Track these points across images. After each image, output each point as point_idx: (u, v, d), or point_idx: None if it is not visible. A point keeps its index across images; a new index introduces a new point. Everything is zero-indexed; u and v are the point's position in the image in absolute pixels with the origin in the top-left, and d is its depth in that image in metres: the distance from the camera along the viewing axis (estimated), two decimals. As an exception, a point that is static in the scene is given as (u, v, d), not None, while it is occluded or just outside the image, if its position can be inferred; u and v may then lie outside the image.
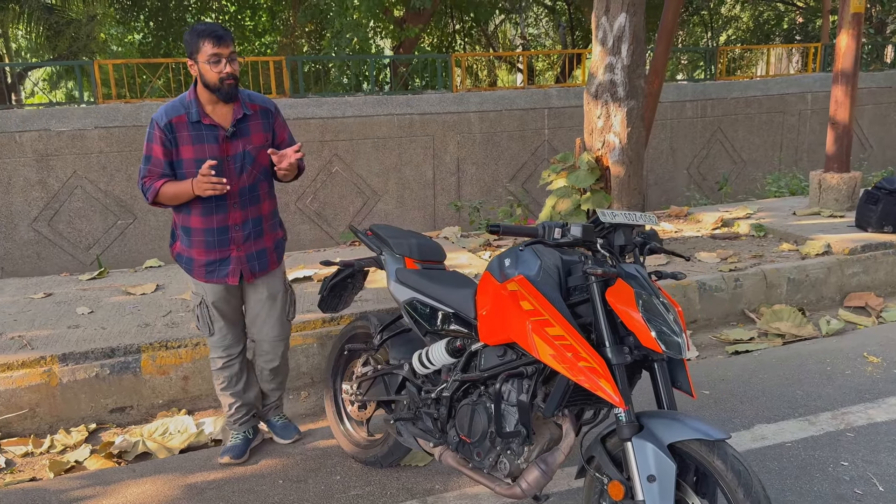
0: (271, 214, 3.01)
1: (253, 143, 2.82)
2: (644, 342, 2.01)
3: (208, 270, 2.90)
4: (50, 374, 3.65)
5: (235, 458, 3.08)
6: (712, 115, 12.11)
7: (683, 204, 9.75)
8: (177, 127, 2.73)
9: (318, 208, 9.93)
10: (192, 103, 2.75)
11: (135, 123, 8.98)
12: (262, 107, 2.89)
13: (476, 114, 10.53)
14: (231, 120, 2.78)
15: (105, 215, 9.09)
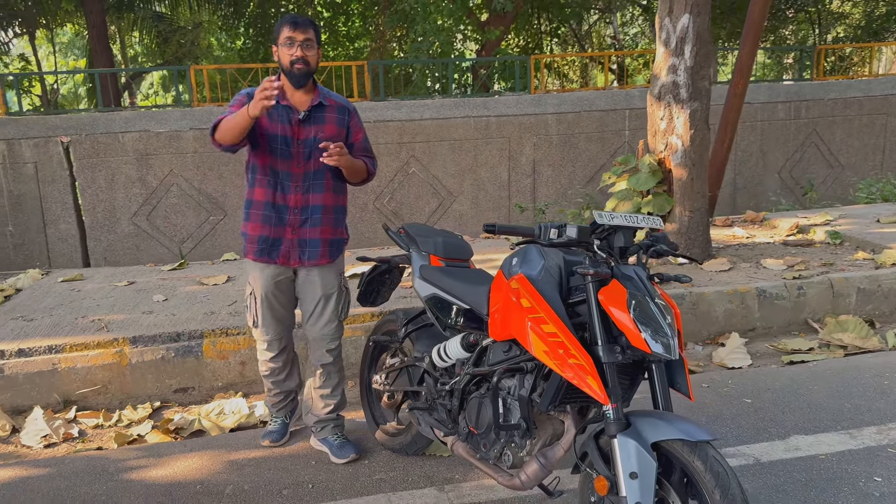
0: (333, 209, 3.04)
1: (325, 133, 2.89)
2: (633, 342, 2.04)
3: (260, 248, 2.94)
4: (121, 354, 3.99)
5: (274, 442, 3.24)
6: (807, 117, 11.55)
7: (771, 209, 9.39)
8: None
9: (395, 208, 10.19)
10: None
11: (225, 125, 9.52)
12: (339, 104, 3.00)
13: (554, 115, 10.51)
14: (307, 106, 2.89)
15: (198, 211, 9.68)
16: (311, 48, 2.84)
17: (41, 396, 3.89)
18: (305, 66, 2.82)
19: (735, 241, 6.01)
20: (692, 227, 5.30)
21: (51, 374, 3.89)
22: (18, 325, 4.32)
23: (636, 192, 5.51)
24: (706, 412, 3.47)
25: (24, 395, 3.88)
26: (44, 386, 3.89)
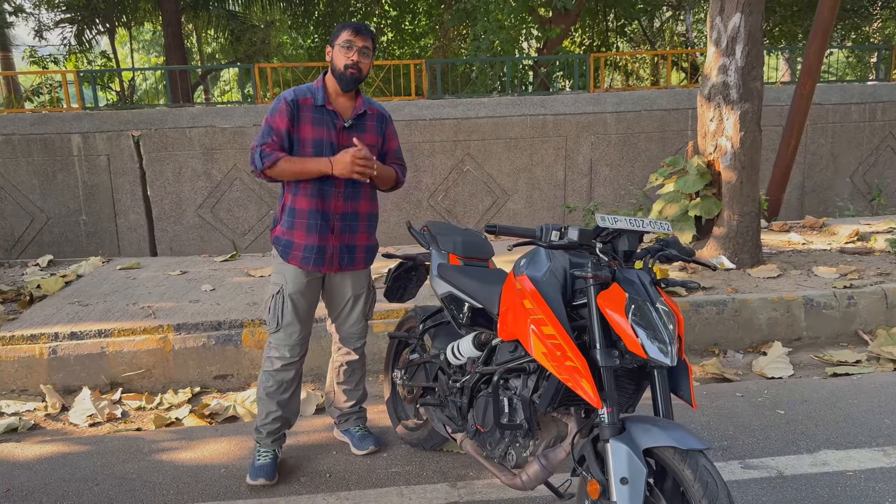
0: (368, 216, 3.03)
1: (366, 141, 2.87)
2: (630, 346, 2.02)
3: (305, 256, 2.90)
4: (165, 340, 4.18)
5: (268, 479, 2.92)
6: (883, 119, 10.99)
7: (837, 214, 9.01)
8: (302, 106, 2.82)
9: (449, 205, 10.24)
10: (319, 89, 2.85)
11: (286, 121, 9.78)
12: (379, 112, 3.01)
13: (613, 114, 10.34)
14: (351, 113, 2.89)
15: (259, 205, 9.98)
16: (367, 56, 2.84)
17: (90, 378, 4.11)
18: (358, 73, 2.81)
19: (789, 248, 5.80)
20: (741, 232, 5.16)
21: (99, 357, 4.11)
22: (74, 309, 4.58)
23: (684, 195, 5.39)
24: (735, 421, 3.38)
25: (74, 376, 4.11)
26: (93, 368, 4.11)
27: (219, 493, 2.90)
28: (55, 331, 4.17)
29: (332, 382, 3.27)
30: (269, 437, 3.04)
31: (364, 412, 3.33)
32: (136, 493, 2.91)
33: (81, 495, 2.90)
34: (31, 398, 4.04)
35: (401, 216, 10.20)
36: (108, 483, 3.00)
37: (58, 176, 9.97)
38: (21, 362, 4.07)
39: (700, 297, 4.55)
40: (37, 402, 3.99)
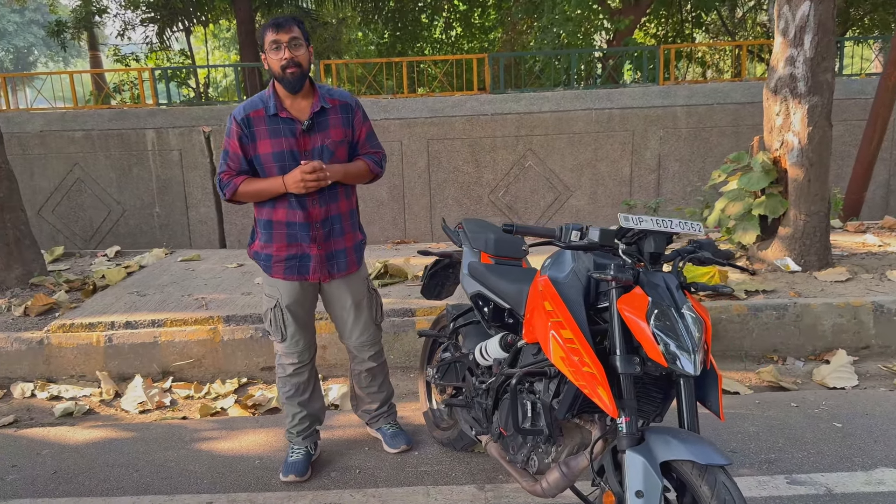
0: (350, 214, 2.91)
1: (331, 138, 2.75)
2: (650, 353, 1.92)
3: (288, 266, 2.83)
4: (215, 331, 4.28)
5: (299, 476, 2.93)
6: (982, 112, 10.24)
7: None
8: (254, 121, 2.70)
9: (510, 202, 10.13)
10: (270, 97, 2.71)
11: (350, 117, 9.91)
12: (342, 101, 2.81)
13: (683, 108, 9.99)
14: (308, 113, 2.72)
15: (321, 199, 10.15)
16: (300, 47, 2.65)
17: (143, 366, 4.26)
18: (298, 69, 2.64)
19: (863, 250, 5.46)
20: (808, 233, 4.88)
21: (152, 346, 4.25)
22: (133, 299, 4.75)
23: (748, 193, 5.15)
24: (786, 433, 3.20)
25: (128, 363, 4.26)
26: (146, 356, 4.25)
27: (250, 485, 2.94)
28: (112, 320, 4.33)
29: (354, 388, 3.23)
30: (300, 436, 3.06)
31: (394, 409, 3.30)
32: (173, 480, 2.99)
33: (121, 480, 3.00)
34: (88, 384, 4.21)
35: (461, 212, 10.17)
36: (148, 469, 3.09)
37: (133, 170, 10.40)
38: (79, 349, 4.25)
39: (759, 300, 4.33)
40: (93, 387, 4.16)
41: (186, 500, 2.83)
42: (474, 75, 10.33)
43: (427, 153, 10.02)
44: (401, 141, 9.98)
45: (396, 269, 4.96)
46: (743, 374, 4.05)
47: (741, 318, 4.23)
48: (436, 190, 10.16)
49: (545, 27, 11.46)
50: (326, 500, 2.79)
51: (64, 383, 4.21)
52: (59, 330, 4.29)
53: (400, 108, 9.93)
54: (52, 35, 14.53)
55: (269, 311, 2.92)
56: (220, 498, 2.84)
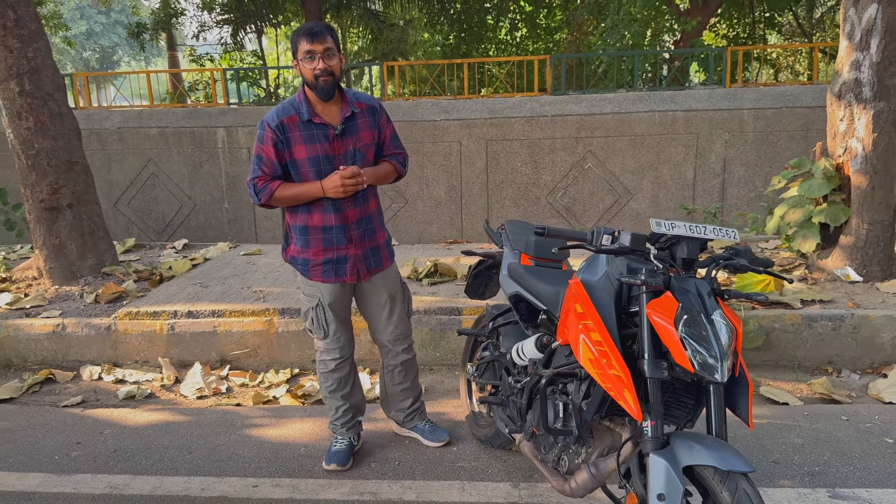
0: (378, 213, 3.03)
1: (362, 141, 2.85)
2: (676, 358, 1.94)
3: (325, 269, 2.91)
4: (270, 323, 4.45)
5: (341, 465, 3.03)
6: None
7: None
8: (288, 127, 2.75)
9: (568, 203, 10.09)
10: (301, 103, 2.78)
11: (411, 119, 10.03)
12: (368, 105, 2.90)
13: (750, 111, 9.74)
14: (339, 118, 2.80)
15: (382, 199, 10.30)
16: (333, 57, 2.71)
17: (202, 354, 4.46)
18: (331, 77, 2.71)
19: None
20: (870, 242, 4.72)
21: (212, 335, 4.45)
22: (195, 289, 4.98)
23: (808, 200, 5.01)
24: (833, 447, 3.13)
25: (189, 351, 4.47)
26: (205, 345, 4.46)
27: (294, 471, 3.06)
28: (175, 309, 4.55)
29: (386, 386, 3.28)
30: (344, 427, 3.17)
31: (423, 405, 3.37)
32: (222, 463, 3.14)
33: (175, 461, 3.17)
34: (151, 369, 4.44)
35: (518, 213, 10.19)
36: (200, 452, 3.25)
37: (204, 166, 10.82)
38: (144, 336, 4.48)
39: (815, 310, 4.22)
40: (155, 373, 4.39)
41: (234, 482, 2.98)
42: (535, 76, 10.32)
43: (486, 154, 10.08)
44: (460, 141, 10.06)
45: (446, 269, 5.04)
46: (794, 384, 3.96)
47: (795, 328, 4.13)
48: (493, 191, 10.20)
49: (610, 28, 11.35)
50: (365, 489, 2.89)
51: (129, 368, 4.45)
52: (125, 317, 4.55)
53: (460, 108, 10.01)
54: (132, 36, 15.25)
55: (311, 311, 3.00)
56: (265, 482, 2.97)
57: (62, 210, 5.38)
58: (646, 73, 12.44)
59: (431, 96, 11.18)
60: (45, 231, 5.38)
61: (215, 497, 2.86)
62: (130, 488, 2.94)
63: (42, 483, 3.00)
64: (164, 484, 2.97)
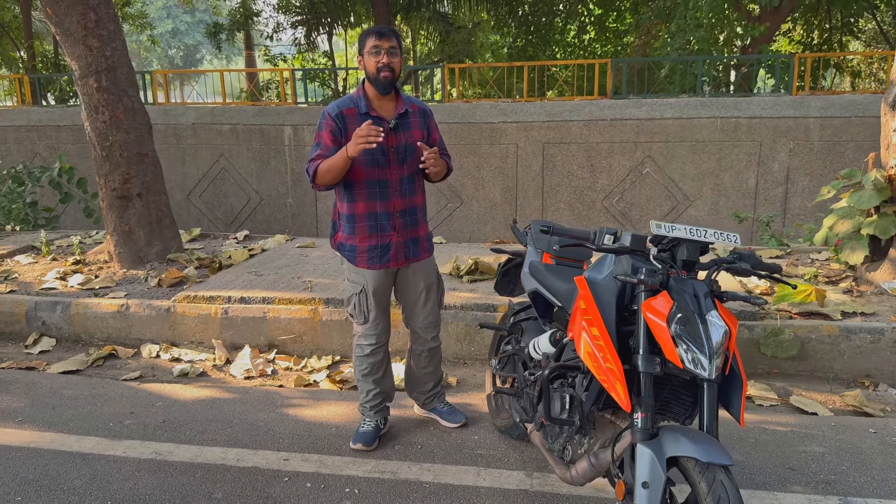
0: (423, 207, 3.21)
1: (413, 137, 3.04)
2: (667, 355, 2.03)
3: (371, 256, 3.08)
4: (315, 311, 4.68)
5: (366, 446, 3.21)
6: None
7: None
8: (347, 118, 2.96)
9: (625, 208, 10.05)
10: (360, 98, 2.99)
11: (469, 121, 10.20)
12: (420, 108, 3.14)
13: (817, 119, 9.49)
14: (394, 114, 3.00)
15: (439, 198, 10.52)
16: (396, 55, 2.93)
17: (252, 338, 4.73)
18: (391, 73, 2.92)
19: None
20: (922, 255, 4.61)
21: (261, 321, 4.72)
22: (250, 278, 5.27)
23: (859, 211, 4.92)
24: (854, 457, 3.12)
25: (240, 335, 4.75)
26: (255, 329, 4.73)
27: (324, 448, 3.26)
28: (229, 294, 4.84)
29: (412, 370, 3.46)
30: (372, 410, 3.35)
31: (443, 390, 3.56)
32: (259, 438, 3.37)
33: (216, 433, 3.42)
34: (205, 349, 4.74)
35: (573, 216, 10.21)
36: (240, 427, 3.49)
37: (271, 162, 11.26)
38: (199, 319, 4.79)
39: (855, 322, 4.17)
40: (208, 353, 4.68)
41: (267, 455, 3.20)
42: (595, 80, 10.32)
43: (542, 156, 10.15)
44: (517, 144, 10.17)
45: (486, 267, 5.17)
46: (827, 396, 3.93)
47: (831, 339, 4.09)
48: (549, 193, 10.27)
49: (675, 32, 11.23)
50: (386, 469, 3.06)
51: (184, 348, 4.76)
52: (184, 300, 4.86)
53: (518, 111, 10.12)
54: (209, 36, 15.96)
55: (354, 296, 3.19)
56: (295, 456, 3.18)
57: (132, 199, 5.77)
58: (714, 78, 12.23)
59: (492, 98, 11.32)
60: (116, 218, 5.78)
61: (248, 467, 3.09)
62: (173, 455, 3.20)
63: (96, 446, 3.30)
64: (204, 453, 3.22)
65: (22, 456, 3.20)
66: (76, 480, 2.99)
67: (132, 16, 20.21)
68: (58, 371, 4.40)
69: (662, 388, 2.23)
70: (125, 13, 19.89)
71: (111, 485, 2.95)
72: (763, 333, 4.14)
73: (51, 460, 3.16)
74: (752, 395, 3.90)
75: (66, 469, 3.08)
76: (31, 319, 5.01)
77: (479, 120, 10.21)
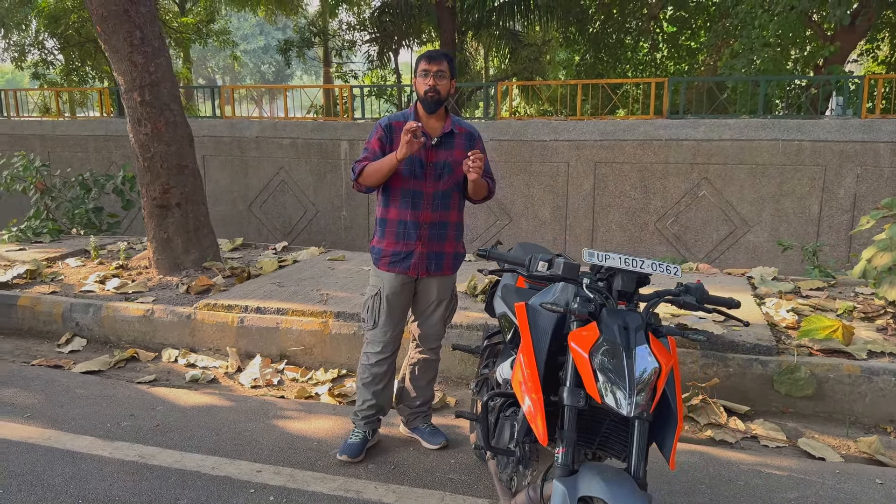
0: (456, 225, 3.29)
1: (454, 157, 3.17)
2: (587, 387, 1.95)
3: (393, 261, 3.21)
4: (325, 324, 4.74)
5: (352, 457, 3.27)
6: None
7: None
8: (395, 129, 3.15)
9: (679, 231, 9.73)
10: (410, 114, 3.20)
11: (521, 138, 10.14)
12: (467, 131, 3.27)
13: (888, 144, 8.94)
14: (439, 132, 3.17)
15: (488, 215, 10.49)
16: (444, 79, 3.09)
17: (265, 347, 4.83)
18: (436, 95, 3.09)
19: None
20: (968, 293, 4.26)
21: (274, 331, 4.81)
22: (272, 288, 5.39)
23: (901, 243, 4.61)
24: None
25: (254, 344, 4.86)
26: (268, 339, 4.82)
27: (299, 462, 3.29)
28: (246, 304, 4.97)
29: (406, 381, 3.47)
30: (363, 421, 3.39)
31: (430, 411, 3.52)
32: (241, 447, 3.43)
33: (202, 440, 3.50)
34: (221, 357, 4.87)
35: (624, 237, 9.98)
36: (227, 435, 3.57)
37: (327, 176, 11.52)
38: (217, 326, 4.93)
39: (880, 363, 3.89)
40: (223, 360, 4.80)
41: (242, 465, 3.25)
42: (651, 99, 10.07)
43: (594, 176, 9.98)
44: (568, 162, 10.04)
45: (502, 287, 5.11)
46: (842, 440, 3.67)
47: (851, 380, 3.83)
48: (599, 214, 10.07)
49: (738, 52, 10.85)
50: (352, 487, 3.05)
51: (202, 354, 4.91)
52: (204, 308, 5.02)
53: (570, 129, 10.00)
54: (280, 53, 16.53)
55: (370, 299, 3.32)
56: (268, 468, 3.22)
57: (171, 208, 6.02)
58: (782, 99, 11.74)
59: (545, 116, 11.22)
60: (156, 226, 6.03)
61: (221, 476, 3.15)
62: (156, 459, 3.30)
63: (88, 445, 3.44)
64: (185, 459, 3.30)
65: (18, 451, 3.37)
66: (57, 478, 3.12)
67: (216, 32, 21.17)
68: (80, 370, 4.61)
69: (600, 424, 2.14)
70: (209, 29, 20.87)
71: (88, 484, 3.07)
72: (777, 370, 3.92)
73: (41, 457, 3.31)
74: (758, 434, 3.70)
75: (52, 466, 3.23)
76: (67, 320, 5.28)
77: (530, 137, 10.14)
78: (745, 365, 3.99)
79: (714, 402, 3.91)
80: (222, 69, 55.18)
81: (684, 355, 4.09)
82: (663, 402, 2.07)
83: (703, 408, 3.92)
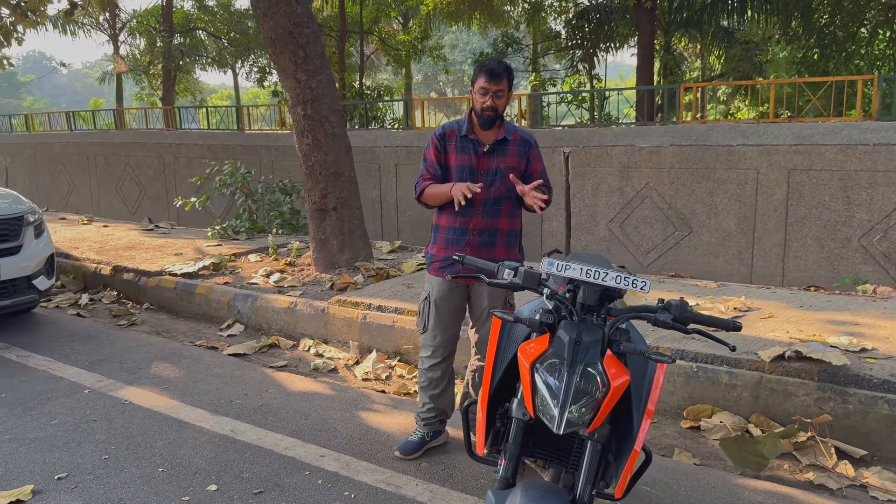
0: (508, 232, 3.28)
1: (506, 164, 3.19)
2: (525, 400, 1.89)
3: (441, 266, 3.28)
4: (436, 326, 4.90)
5: (405, 455, 3.39)
6: None
7: None
8: (448, 137, 3.25)
9: (888, 249, 8.46)
10: (464, 122, 3.25)
11: (705, 143, 9.49)
12: (523, 138, 3.27)
13: None
14: (492, 140, 3.20)
15: (665, 225, 9.97)
16: (502, 97, 3.11)
17: (383, 343, 5.12)
18: (493, 113, 3.12)
19: None
20: None
21: (390, 329, 5.08)
22: (400, 289, 5.68)
23: None
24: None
25: (374, 339, 5.17)
26: (385, 336, 5.10)
27: (360, 452, 3.48)
28: (370, 302, 5.30)
29: (469, 384, 3.48)
30: (423, 422, 3.49)
31: None
32: (319, 432, 3.70)
33: (290, 422, 3.83)
34: (346, 349, 5.25)
35: (822, 254, 8.92)
36: (312, 420, 3.87)
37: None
38: (344, 321, 5.31)
39: None
40: (348, 353, 5.17)
41: (311, 448, 3.51)
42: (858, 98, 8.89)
43: (787, 184, 9.06)
44: (757, 169, 9.23)
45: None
46: None
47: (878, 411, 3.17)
48: (793, 226, 9.12)
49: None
50: (394, 482, 3.17)
51: (332, 346, 5.32)
52: (336, 303, 5.44)
53: (760, 133, 9.17)
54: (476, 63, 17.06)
55: (422, 303, 3.39)
56: (331, 454, 3.45)
57: (328, 212, 6.57)
58: None
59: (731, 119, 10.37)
60: (315, 228, 6.63)
61: (288, 457, 3.43)
62: (244, 435, 3.68)
63: (197, 417, 3.93)
64: (266, 437, 3.65)
65: (142, 416, 3.96)
66: (160, 442, 3.62)
67: (430, 48, 22.42)
68: (228, 353, 5.24)
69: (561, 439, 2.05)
70: (424, 45, 22.14)
71: (180, 450, 3.52)
72: (910, 411, 3.36)
73: (157, 423, 3.85)
74: (870, 483, 3.20)
75: (161, 431, 3.74)
76: (231, 307, 6.02)
77: (714, 142, 9.46)
78: (869, 403, 3.46)
79: (824, 442, 3.44)
80: (451, 83, 58.38)
81: (797, 387, 3.65)
82: (628, 426, 1.94)
83: (812, 447, 3.47)
